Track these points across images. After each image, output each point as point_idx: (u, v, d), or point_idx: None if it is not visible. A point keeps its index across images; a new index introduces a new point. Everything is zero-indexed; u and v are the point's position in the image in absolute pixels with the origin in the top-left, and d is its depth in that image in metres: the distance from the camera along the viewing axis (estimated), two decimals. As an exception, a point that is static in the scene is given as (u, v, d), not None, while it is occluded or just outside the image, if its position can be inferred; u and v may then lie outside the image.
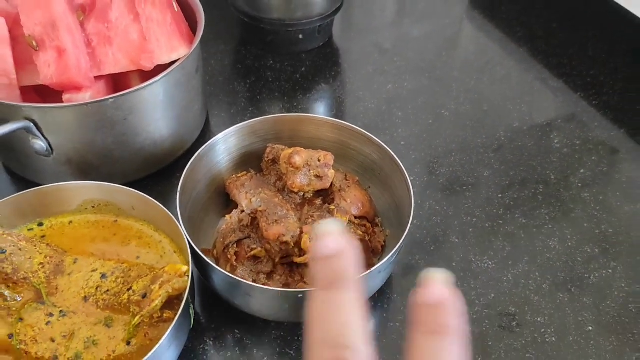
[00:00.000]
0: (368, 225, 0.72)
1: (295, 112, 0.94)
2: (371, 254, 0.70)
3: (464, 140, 0.90)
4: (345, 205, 0.70)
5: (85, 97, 0.70)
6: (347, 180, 0.74)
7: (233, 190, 0.72)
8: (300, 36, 1.02)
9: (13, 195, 0.65)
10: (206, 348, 0.65)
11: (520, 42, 1.09)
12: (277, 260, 0.66)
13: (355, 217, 0.71)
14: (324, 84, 1.00)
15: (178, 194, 0.65)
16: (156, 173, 0.82)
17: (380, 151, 0.74)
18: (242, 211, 0.70)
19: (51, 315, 0.60)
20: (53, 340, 0.58)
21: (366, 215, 0.72)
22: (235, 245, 0.67)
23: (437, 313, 0.31)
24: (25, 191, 0.66)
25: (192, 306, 0.60)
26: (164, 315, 0.59)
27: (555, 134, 0.91)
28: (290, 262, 0.67)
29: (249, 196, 0.70)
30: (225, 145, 0.74)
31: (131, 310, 0.59)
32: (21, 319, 0.59)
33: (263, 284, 0.65)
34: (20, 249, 0.63)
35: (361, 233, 0.69)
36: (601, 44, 1.08)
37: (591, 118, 0.94)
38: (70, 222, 0.69)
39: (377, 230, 0.73)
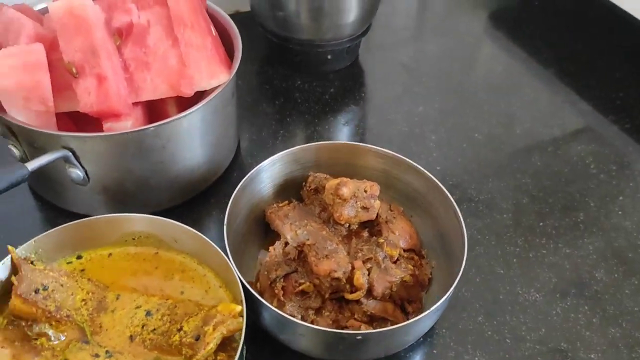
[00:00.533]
0: (416, 258, 0.70)
1: (327, 134, 0.92)
2: (420, 287, 0.68)
3: (499, 165, 0.89)
4: (394, 238, 0.68)
5: (126, 125, 0.67)
6: (392, 210, 0.72)
7: (275, 221, 0.70)
8: (329, 56, 1.00)
9: (55, 229, 0.62)
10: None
11: (546, 63, 1.08)
12: (326, 296, 0.64)
13: (404, 250, 0.69)
14: (353, 105, 0.98)
15: (225, 225, 0.63)
16: (190, 200, 0.79)
17: (424, 179, 0.72)
18: (287, 243, 0.68)
19: (97, 356, 0.57)
20: (100, 383, 0.56)
21: (414, 247, 0.70)
22: (282, 280, 0.65)
23: None
24: (66, 224, 0.63)
25: (244, 347, 0.57)
26: (218, 358, 0.56)
27: (591, 159, 0.90)
28: (339, 297, 0.65)
29: (294, 228, 0.68)
30: (268, 173, 0.72)
31: (183, 352, 0.57)
32: (66, 361, 0.57)
33: (312, 321, 0.63)
34: (62, 285, 0.60)
35: (411, 268, 0.67)
36: (628, 66, 1.07)
37: (624, 142, 0.93)
38: (110, 254, 0.66)
39: (423, 263, 0.71)
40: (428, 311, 0.58)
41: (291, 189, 0.75)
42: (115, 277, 0.64)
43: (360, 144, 0.74)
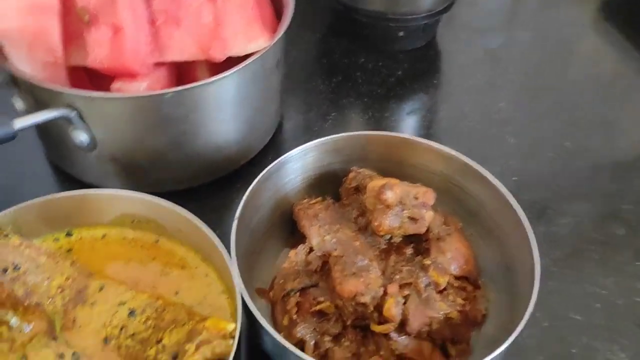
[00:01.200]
0: (469, 288, 0.56)
1: (386, 123, 0.79)
2: (469, 325, 0.55)
3: (592, 184, 0.73)
4: (444, 261, 0.55)
5: (139, 87, 0.57)
6: (447, 225, 0.58)
7: (302, 220, 0.59)
8: (401, 33, 0.86)
9: (41, 198, 0.54)
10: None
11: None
12: (348, 322, 0.52)
13: (455, 278, 0.55)
14: (422, 92, 0.84)
15: (236, 220, 0.52)
16: (211, 182, 0.69)
17: (493, 191, 0.58)
18: (311, 249, 0.56)
19: (62, 357, 0.48)
20: (60, 393, 0.46)
21: (468, 274, 0.56)
22: (298, 294, 0.54)
23: None
24: (55, 194, 0.54)
25: None
26: None
27: None
28: (364, 324, 0.53)
29: (322, 232, 0.56)
30: (299, 163, 0.60)
31: (158, 371, 0.47)
32: (24, 358, 0.48)
33: (326, 350, 0.51)
34: (38, 266, 0.51)
35: (461, 301, 0.54)
36: None
37: None
38: (104, 235, 0.57)
39: (478, 295, 0.57)
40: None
41: (329, 183, 0.63)
42: (104, 264, 0.55)
43: (418, 139, 0.61)
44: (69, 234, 0.56)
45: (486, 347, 0.53)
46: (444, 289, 0.54)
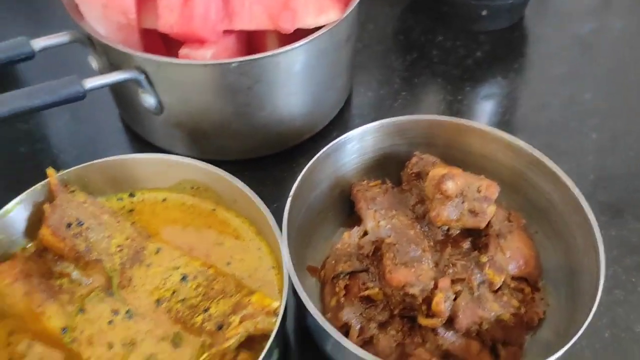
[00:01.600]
0: (527, 290, 0.53)
1: (458, 107, 0.76)
2: (523, 328, 0.52)
3: (679, 190, 0.67)
4: (502, 259, 0.52)
5: (206, 54, 0.57)
6: (510, 222, 0.55)
7: (360, 202, 0.57)
8: (484, 12, 0.81)
9: (107, 159, 0.55)
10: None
11: None
12: (396, 311, 0.51)
13: (513, 278, 0.52)
14: (501, 77, 0.80)
15: (289, 201, 0.52)
16: (275, 154, 0.69)
17: (564, 191, 0.54)
18: (365, 233, 0.55)
19: (116, 313, 0.50)
20: (110, 347, 0.48)
21: (528, 276, 0.53)
22: (347, 277, 0.53)
23: None
24: (120, 156, 0.56)
25: (276, 351, 0.46)
26: (239, 357, 0.46)
27: None
28: (411, 315, 0.51)
29: (378, 217, 0.55)
30: (361, 143, 0.58)
31: (202, 338, 0.48)
32: (82, 310, 0.50)
33: (372, 336, 0.50)
34: (100, 224, 0.53)
35: (517, 304, 0.51)
36: None
37: None
38: (164, 199, 0.58)
39: (536, 297, 0.54)
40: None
41: (390, 165, 0.61)
42: (163, 227, 0.56)
43: (489, 128, 0.58)
44: (131, 195, 0.58)
45: (540, 352, 0.51)
46: (499, 288, 0.51)
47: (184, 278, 0.52)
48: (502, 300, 0.51)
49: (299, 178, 0.53)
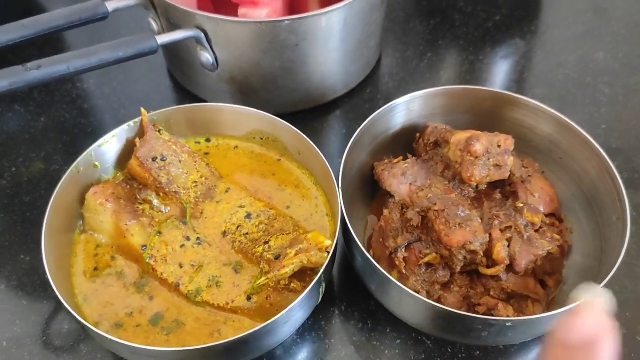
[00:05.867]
0: (557, 223, 0.59)
1: (479, 66, 0.82)
2: (563, 257, 0.58)
3: (684, 138, 0.73)
4: (534, 201, 0.58)
5: (261, 14, 0.63)
6: (525, 167, 0.61)
7: (388, 180, 0.60)
8: (503, -22, 0.87)
9: (188, 105, 0.62)
10: (331, 316, 0.60)
11: None
12: (457, 269, 0.55)
13: (545, 215, 0.58)
14: (519, 38, 0.86)
15: (346, 153, 0.57)
16: (315, 107, 0.75)
17: (568, 131, 0.60)
18: (403, 206, 0.59)
19: (188, 239, 0.57)
20: (181, 267, 0.55)
21: (555, 211, 0.60)
22: (404, 250, 0.56)
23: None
24: (199, 104, 0.62)
25: (323, 284, 0.53)
26: (292, 285, 0.53)
27: None
28: (470, 270, 0.56)
29: (415, 189, 0.59)
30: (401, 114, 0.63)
31: (261, 266, 0.54)
32: (159, 233, 0.57)
33: (439, 297, 0.55)
34: (180, 161, 0.60)
35: (557, 237, 0.57)
36: None
37: None
38: (236, 147, 0.64)
39: (562, 228, 0.60)
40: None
41: (398, 142, 0.65)
42: (233, 171, 0.62)
43: (482, 88, 0.64)
44: (208, 140, 0.65)
45: (578, 274, 0.57)
46: (540, 227, 0.56)
47: (248, 216, 0.58)
48: (546, 236, 0.56)
49: (355, 135, 0.58)
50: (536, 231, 0.56)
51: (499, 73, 0.83)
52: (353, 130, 0.73)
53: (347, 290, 0.61)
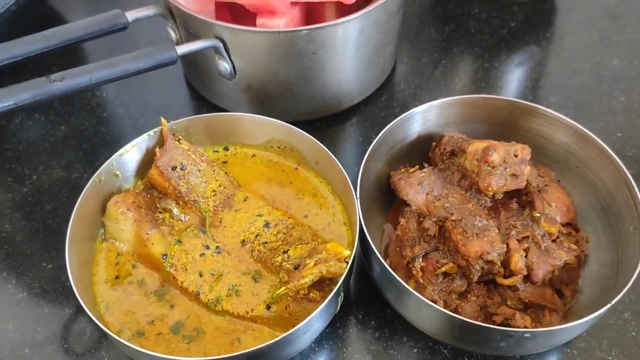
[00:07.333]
0: (574, 233, 0.59)
1: (494, 73, 0.82)
2: (580, 267, 0.59)
3: (701, 146, 0.73)
4: (551, 211, 0.58)
5: (279, 23, 0.64)
6: (541, 177, 0.61)
7: (405, 189, 0.60)
8: (518, -15, 0.87)
9: (206, 115, 0.63)
10: (348, 325, 0.60)
11: None
12: (474, 279, 0.55)
13: (562, 225, 0.58)
14: (534, 45, 0.86)
15: (365, 158, 0.57)
16: (331, 115, 0.76)
17: (584, 140, 0.60)
18: (420, 215, 0.59)
19: (207, 247, 0.58)
20: (201, 275, 0.56)
21: (571, 221, 0.60)
22: (420, 259, 0.56)
23: None
24: (217, 113, 0.63)
25: (342, 294, 0.53)
26: (311, 294, 0.53)
27: None
28: (487, 279, 0.56)
29: (432, 199, 0.59)
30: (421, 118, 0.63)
31: (280, 275, 0.55)
32: (179, 242, 0.57)
33: (456, 307, 0.55)
34: (199, 170, 0.60)
35: (574, 247, 0.57)
36: None
37: None
38: (254, 155, 0.65)
39: (579, 237, 0.61)
40: (611, 304, 0.49)
41: (414, 151, 0.65)
42: (250, 179, 0.63)
43: (498, 97, 0.64)
44: (226, 149, 0.65)
45: (595, 283, 0.58)
46: (557, 237, 0.57)
47: (266, 224, 0.59)
48: (563, 246, 0.56)
49: (373, 143, 0.58)
50: (553, 241, 0.56)
51: (514, 80, 0.83)
52: (369, 138, 0.75)
53: (364, 299, 0.61)
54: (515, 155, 0.58)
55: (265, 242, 0.58)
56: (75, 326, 0.59)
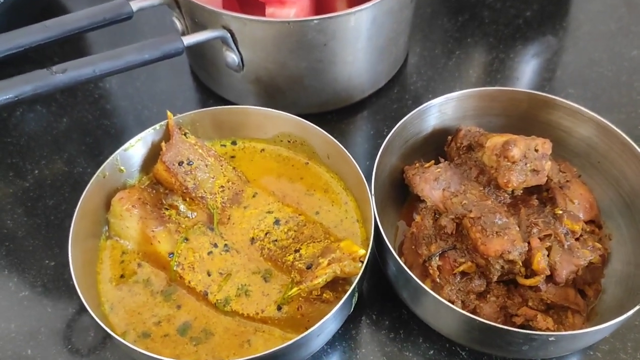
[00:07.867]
0: (597, 230, 0.57)
1: (510, 64, 0.79)
2: (603, 266, 0.56)
3: None
4: (574, 208, 0.56)
5: (289, 13, 0.62)
6: (562, 172, 0.59)
7: (420, 184, 0.58)
8: (534, -27, 0.84)
9: (213, 108, 0.61)
10: (362, 325, 0.58)
11: None
12: (494, 278, 0.53)
13: (585, 222, 0.56)
14: (550, 35, 0.83)
15: (377, 159, 0.55)
16: (342, 108, 0.73)
17: (606, 133, 0.58)
18: (436, 212, 0.57)
19: (215, 246, 0.56)
20: (209, 274, 0.54)
21: (594, 218, 0.57)
22: (437, 258, 0.54)
23: None
24: (224, 106, 0.61)
25: (356, 294, 0.51)
26: (324, 295, 0.51)
27: None
28: (507, 279, 0.54)
29: (449, 195, 0.57)
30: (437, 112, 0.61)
31: (292, 275, 0.53)
32: (186, 240, 0.55)
33: (475, 307, 0.53)
34: (206, 165, 0.58)
35: (599, 245, 0.54)
36: None
37: None
38: (263, 149, 0.63)
39: (601, 235, 0.58)
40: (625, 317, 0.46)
41: (429, 145, 0.63)
42: (260, 175, 0.61)
43: (517, 89, 0.61)
44: (234, 143, 0.63)
45: (618, 282, 0.55)
46: (580, 235, 0.54)
47: (276, 222, 0.57)
48: (587, 245, 0.54)
49: (387, 139, 0.56)
50: (576, 239, 0.54)
51: (531, 71, 0.80)
52: (381, 131, 0.72)
53: (378, 298, 0.59)
54: (536, 150, 0.55)
55: (276, 240, 0.56)
56: (80, 326, 0.57)
